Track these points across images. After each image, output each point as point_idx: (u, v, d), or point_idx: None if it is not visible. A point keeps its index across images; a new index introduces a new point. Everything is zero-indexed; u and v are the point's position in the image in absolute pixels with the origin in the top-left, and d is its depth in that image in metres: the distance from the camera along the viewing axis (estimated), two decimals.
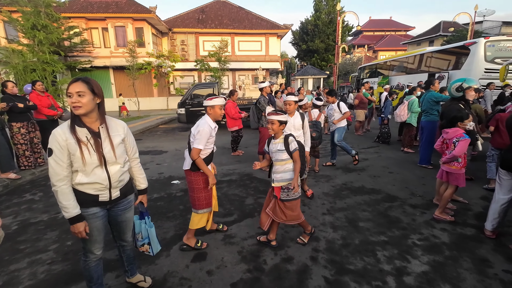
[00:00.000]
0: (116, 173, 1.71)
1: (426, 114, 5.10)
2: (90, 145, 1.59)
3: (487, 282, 2.19)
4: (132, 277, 2.18)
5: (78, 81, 1.56)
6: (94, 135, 1.62)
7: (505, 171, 2.66)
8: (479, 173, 4.57)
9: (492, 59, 8.52)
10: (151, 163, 5.95)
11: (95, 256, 1.82)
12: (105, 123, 1.68)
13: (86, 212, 1.68)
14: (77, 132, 1.57)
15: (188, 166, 2.57)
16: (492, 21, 30.27)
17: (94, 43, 18.18)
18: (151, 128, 11.47)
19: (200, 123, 2.47)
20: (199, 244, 2.69)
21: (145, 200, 2.07)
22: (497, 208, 2.75)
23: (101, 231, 1.79)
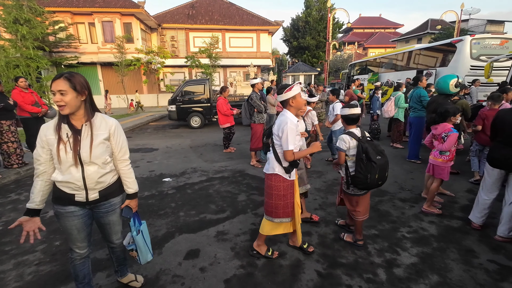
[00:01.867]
0: (92, 174, 1.60)
1: (413, 110, 5.20)
2: (68, 143, 1.54)
3: (472, 272, 2.27)
4: (122, 278, 2.14)
5: (60, 77, 1.49)
6: (75, 133, 1.55)
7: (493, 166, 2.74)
8: (464, 167, 4.71)
9: (478, 56, 8.74)
10: (142, 160, 5.86)
11: (79, 254, 1.78)
12: (90, 121, 1.60)
13: (63, 209, 1.64)
14: (61, 129, 1.55)
15: (274, 170, 2.25)
16: (478, 20, 31.07)
17: (81, 39, 17.69)
18: (141, 125, 11.29)
19: (281, 121, 2.15)
20: (269, 253, 2.47)
21: (133, 205, 1.88)
22: (485, 203, 2.83)
23: (81, 230, 1.72)
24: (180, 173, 4.99)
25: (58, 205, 1.65)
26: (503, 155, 2.61)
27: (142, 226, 2.01)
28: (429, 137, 3.41)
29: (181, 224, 3.13)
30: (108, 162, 1.68)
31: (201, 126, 10.25)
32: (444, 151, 3.15)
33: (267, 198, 2.34)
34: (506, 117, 2.65)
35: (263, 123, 5.19)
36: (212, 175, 4.84)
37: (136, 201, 1.92)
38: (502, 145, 2.64)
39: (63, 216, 1.66)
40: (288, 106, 2.23)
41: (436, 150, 3.26)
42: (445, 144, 3.10)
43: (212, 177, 4.74)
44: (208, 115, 10.23)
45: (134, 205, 1.89)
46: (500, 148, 2.65)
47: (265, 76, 22.19)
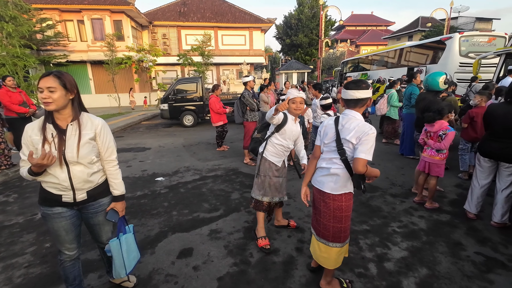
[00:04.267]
0: (78, 173, 1.58)
1: (406, 107, 5.27)
2: (53, 143, 1.52)
3: (460, 264, 2.33)
4: (115, 278, 2.12)
5: (49, 75, 1.48)
6: (59, 133, 1.53)
7: (483, 157, 2.89)
8: (453, 162, 4.81)
9: (466, 53, 8.90)
10: (134, 160, 5.80)
11: (68, 256, 1.76)
12: (77, 120, 1.58)
13: (51, 211, 1.62)
14: (46, 129, 1.53)
15: (347, 187, 1.85)
16: (466, 17, 31.61)
17: (70, 37, 17.30)
18: (133, 124, 11.15)
19: (365, 125, 1.71)
20: (345, 285, 2.06)
21: (119, 208, 1.79)
22: (479, 193, 2.98)
23: (70, 231, 1.70)
24: (173, 172, 4.96)
25: (45, 207, 1.63)
26: (493, 147, 2.79)
27: (126, 235, 1.83)
28: (422, 135, 3.46)
29: (174, 223, 3.12)
30: (94, 162, 1.65)
31: (194, 125, 10.18)
32: (442, 149, 3.20)
33: (337, 223, 1.87)
34: (495, 112, 2.78)
35: (255, 121, 5.19)
36: (205, 173, 4.83)
37: (123, 204, 1.84)
38: (493, 137, 2.80)
39: (50, 218, 1.64)
40: (360, 106, 1.81)
41: (431, 149, 3.31)
42: (444, 142, 3.16)
43: (205, 175, 4.73)
44: (201, 113, 10.17)
45: (120, 208, 1.80)
46: (490, 141, 2.82)
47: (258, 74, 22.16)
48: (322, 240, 1.95)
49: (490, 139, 2.82)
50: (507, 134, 2.68)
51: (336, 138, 1.82)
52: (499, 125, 2.73)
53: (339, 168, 1.81)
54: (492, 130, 2.82)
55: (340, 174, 1.81)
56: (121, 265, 1.78)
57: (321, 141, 1.95)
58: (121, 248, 1.77)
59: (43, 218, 1.67)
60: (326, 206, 1.88)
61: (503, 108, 2.72)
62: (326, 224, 1.91)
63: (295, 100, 2.42)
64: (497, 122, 2.74)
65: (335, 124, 1.85)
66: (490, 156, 2.85)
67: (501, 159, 2.77)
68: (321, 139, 1.95)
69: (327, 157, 1.88)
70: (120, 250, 1.76)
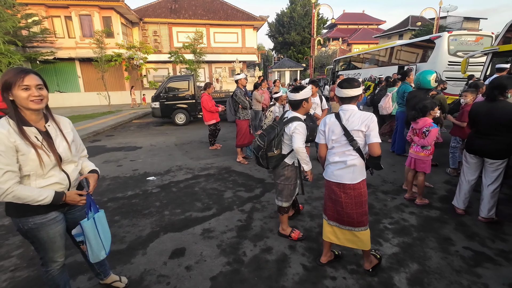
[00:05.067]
0: (72, 172, 1.60)
1: (400, 105, 5.33)
2: (43, 146, 1.47)
3: (449, 259, 2.37)
4: (106, 278, 2.08)
5: (31, 73, 1.43)
6: (45, 135, 1.50)
7: (472, 154, 2.96)
8: (443, 159, 4.91)
9: (455, 52, 9.06)
10: (125, 159, 5.70)
11: (58, 263, 1.69)
12: (53, 120, 1.58)
13: (45, 218, 1.54)
14: (26, 132, 1.42)
15: (363, 175, 2.05)
16: (455, 17, 32.23)
17: (57, 33, 16.83)
18: (124, 123, 10.96)
19: (366, 113, 1.98)
20: (378, 256, 2.30)
21: (92, 180, 1.67)
22: (466, 188, 3.05)
23: (63, 236, 1.66)
24: (165, 171, 4.90)
25: (37, 216, 1.51)
26: (478, 144, 2.86)
27: (98, 214, 1.72)
28: (409, 132, 3.52)
29: (166, 223, 3.08)
30: (78, 159, 1.70)
31: (186, 123, 10.08)
32: (426, 145, 3.26)
33: (359, 209, 2.04)
34: (478, 110, 2.85)
35: (248, 119, 5.17)
36: (198, 172, 4.79)
37: (96, 179, 1.71)
38: (477, 135, 2.87)
39: (45, 226, 1.54)
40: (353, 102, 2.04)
41: (416, 145, 3.37)
42: (427, 139, 3.22)
43: (198, 174, 4.69)
44: (193, 111, 10.07)
45: (93, 180, 1.68)
46: (475, 138, 2.89)
47: (251, 72, 22.08)
48: (348, 227, 2.12)
49: (475, 136, 2.89)
50: (490, 131, 2.75)
51: (344, 132, 1.98)
52: (482, 122, 2.80)
53: (355, 158, 1.99)
54: (477, 127, 2.89)
55: (357, 163, 2.00)
56: (99, 245, 1.69)
57: (328, 139, 2.10)
58: (97, 228, 1.68)
59: (34, 230, 1.53)
60: (348, 197, 2.04)
61: (485, 106, 2.79)
62: (349, 213, 2.06)
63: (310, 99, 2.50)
64: (481, 120, 2.81)
65: (338, 120, 2.02)
66: (475, 152, 2.92)
67: (485, 156, 2.84)
68: (328, 137, 2.10)
69: (339, 151, 2.03)
70: (96, 230, 1.67)
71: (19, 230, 1.55)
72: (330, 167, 2.12)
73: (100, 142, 7.59)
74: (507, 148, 2.72)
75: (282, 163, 2.53)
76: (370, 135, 1.91)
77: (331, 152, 2.10)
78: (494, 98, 2.73)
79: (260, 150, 2.47)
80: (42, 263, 1.68)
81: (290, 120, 2.39)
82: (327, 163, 2.17)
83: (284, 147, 2.48)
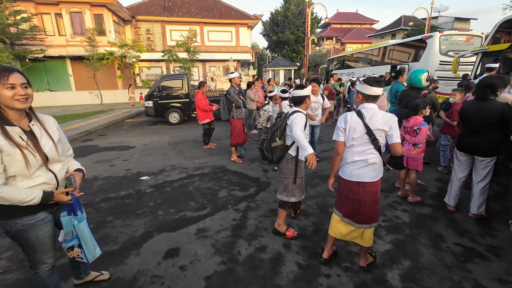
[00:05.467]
0: (60, 171, 1.59)
1: (392, 104, 5.38)
2: (28, 146, 1.43)
3: (441, 255, 2.42)
4: (87, 276, 2.10)
5: (14, 71, 1.40)
6: (29, 134, 1.47)
7: (462, 152, 3.01)
8: (434, 157, 4.99)
9: (446, 52, 9.20)
10: (118, 159, 5.63)
11: (48, 265, 1.67)
12: (37, 119, 1.55)
13: (34, 219, 1.51)
14: (10, 133, 1.38)
15: (381, 173, 2.09)
16: (446, 17, 32.74)
17: (47, 31, 16.49)
18: (116, 122, 10.81)
19: (388, 114, 2.01)
20: (373, 254, 2.37)
21: (78, 178, 1.66)
22: (457, 186, 3.11)
23: (52, 237, 1.64)
24: (159, 171, 4.85)
25: (25, 217, 1.48)
26: (469, 142, 2.91)
27: (84, 215, 1.70)
28: (401, 131, 3.56)
29: (160, 223, 3.05)
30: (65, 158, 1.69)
31: (180, 122, 10.00)
32: (417, 143, 3.31)
33: (373, 206, 2.08)
34: (469, 109, 2.90)
35: (242, 118, 5.15)
36: (192, 172, 4.76)
37: (81, 178, 1.71)
38: (467, 133, 2.92)
39: (34, 227, 1.51)
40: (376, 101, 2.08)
41: (408, 143, 3.41)
42: (418, 137, 3.26)
43: (192, 174, 4.66)
44: (187, 110, 10.00)
45: (79, 178, 1.68)
46: (467, 136, 2.93)
47: (245, 71, 22.04)
48: (364, 225, 2.13)
49: (466, 135, 2.94)
50: (480, 129, 2.80)
51: (367, 131, 1.98)
52: (473, 121, 2.85)
53: (375, 157, 2.01)
54: (467, 125, 2.94)
55: (377, 161, 2.03)
56: (94, 243, 1.70)
57: (349, 137, 2.06)
58: (89, 227, 1.70)
59: (22, 232, 1.50)
60: (367, 195, 2.06)
61: (475, 105, 2.83)
62: (367, 211, 2.08)
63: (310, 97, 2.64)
64: (471, 119, 2.86)
65: (361, 118, 2.01)
66: (465, 150, 2.97)
67: (475, 153, 2.89)
68: (348, 135, 2.06)
69: (360, 150, 2.03)
70: (89, 229, 1.68)
71: (6, 232, 1.51)
72: (349, 167, 2.09)
73: (92, 141, 7.47)
74: (496, 146, 2.79)
75: (286, 155, 2.58)
76: (393, 135, 1.96)
77: (350, 151, 2.07)
78: (485, 97, 2.77)
79: (264, 142, 2.56)
80: (31, 266, 1.65)
81: (292, 113, 2.51)
82: (344, 163, 2.14)
83: (287, 139, 2.57)
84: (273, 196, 3.68)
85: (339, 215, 2.25)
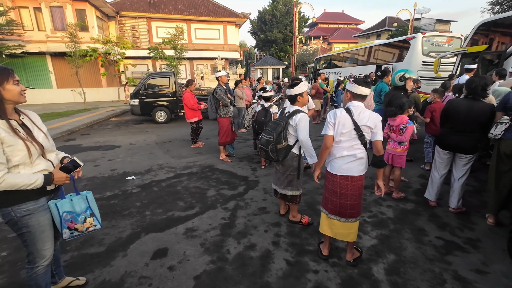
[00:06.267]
0: (54, 160, 1.70)
1: (377, 103, 5.51)
2: (27, 137, 1.54)
3: (423, 249, 2.51)
4: (61, 280, 2.04)
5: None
6: (24, 127, 1.57)
7: (443, 150, 3.12)
8: (417, 154, 5.16)
9: (428, 52, 9.51)
10: (102, 159, 5.48)
11: (46, 259, 1.67)
12: (24, 114, 1.64)
13: (37, 204, 1.59)
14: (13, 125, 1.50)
15: (366, 167, 2.19)
16: (428, 19, 33.82)
17: (25, 25, 15.77)
18: (101, 121, 10.51)
19: (373, 112, 2.11)
20: (360, 250, 2.43)
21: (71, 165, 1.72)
22: (438, 182, 3.23)
23: (52, 227, 1.70)
24: (146, 170, 4.77)
25: (29, 202, 1.56)
26: (452, 140, 3.00)
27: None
28: (386, 129, 3.66)
29: (147, 223, 3.01)
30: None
31: (167, 121, 9.84)
32: (403, 141, 3.42)
33: (357, 201, 2.19)
34: (458, 107, 2.94)
35: (229, 116, 5.14)
36: (180, 171, 4.71)
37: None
38: (453, 131, 3.00)
39: (37, 213, 1.59)
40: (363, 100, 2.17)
41: (394, 142, 3.51)
42: (405, 135, 3.37)
43: (180, 173, 4.61)
44: (175, 109, 9.85)
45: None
46: (450, 134, 3.02)
47: (234, 69, 21.94)
48: (350, 219, 2.22)
49: (450, 133, 3.02)
50: (466, 127, 2.90)
51: (354, 126, 2.08)
52: (461, 119, 2.91)
53: (362, 152, 2.13)
54: (453, 124, 3.00)
55: (364, 156, 2.15)
56: (98, 214, 1.86)
57: (337, 132, 2.14)
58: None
59: (26, 218, 1.56)
60: (354, 188, 2.16)
61: (465, 104, 2.90)
62: (353, 205, 2.18)
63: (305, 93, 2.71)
64: (460, 117, 2.92)
65: (349, 114, 2.10)
66: (449, 148, 3.06)
67: (459, 151, 3.00)
68: (337, 130, 2.14)
69: (348, 145, 2.12)
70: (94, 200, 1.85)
71: (9, 221, 1.56)
72: (337, 162, 2.18)
73: (75, 141, 7.23)
74: (478, 143, 2.92)
75: (290, 154, 2.69)
76: (377, 133, 2.09)
77: (339, 147, 2.15)
78: (478, 97, 2.84)
79: (269, 144, 2.60)
80: (29, 260, 1.66)
81: (294, 113, 2.59)
82: (332, 158, 2.21)
83: (289, 138, 2.65)
84: (262, 194, 3.71)
85: (325, 212, 2.32)
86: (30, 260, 1.66)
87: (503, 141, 2.70)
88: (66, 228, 1.69)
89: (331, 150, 2.21)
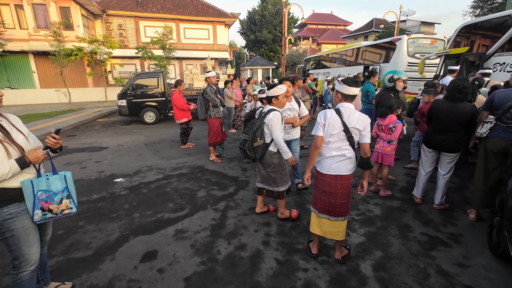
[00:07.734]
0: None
1: (364, 103, 5.63)
2: (5, 138, 1.52)
3: (408, 245, 2.59)
4: (47, 286, 2.00)
5: None
6: (0, 129, 1.54)
7: (428, 148, 3.22)
8: (403, 153, 5.30)
9: (413, 54, 9.78)
10: (89, 161, 5.35)
11: (32, 264, 1.63)
12: (2, 116, 1.61)
13: (19, 207, 1.56)
14: None
15: (353, 168, 2.23)
16: (413, 21, 34.72)
17: (6, 23, 15.22)
18: (87, 122, 10.26)
19: (363, 115, 2.15)
20: (348, 247, 2.47)
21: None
22: (424, 179, 3.32)
23: (36, 230, 1.68)
24: (134, 172, 4.69)
25: (11, 205, 1.53)
26: (437, 139, 3.09)
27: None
28: (375, 129, 3.74)
29: (136, 226, 2.97)
30: None
31: (156, 122, 9.71)
32: (392, 140, 3.51)
33: (346, 199, 2.23)
34: (439, 108, 3.05)
35: (219, 117, 5.13)
36: (170, 172, 4.66)
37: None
38: (436, 130, 3.10)
39: (20, 216, 1.56)
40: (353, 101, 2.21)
41: (383, 141, 3.60)
42: (394, 134, 3.47)
43: (170, 174, 4.56)
44: (164, 110, 9.73)
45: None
46: (434, 133, 3.12)
47: (223, 69, 21.85)
48: (340, 218, 2.27)
49: (434, 132, 3.13)
50: (448, 128, 3.00)
51: (344, 128, 2.11)
52: (442, 120, 3.02)
53: (351, 152, 2.17)
54: (436, 124, 3.11)
55: (352, 156, 2.20)
56: (75, 196, 1.80)
57: (327, 133, 2.16)
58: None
59: (9, 222, 1.53)
60: (343, 187, 2.21)
61: (446, 105, 3.00)
62: (342, 203, 2.23)
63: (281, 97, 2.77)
64: (441, 117, 3.03)
65: (339, 116, 2.12)
66: (433, 147, 3.17)
67: (443, 150, 3.10)
68: (327, 130, 2.16)
69: (336, 146, 2.16)
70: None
71: None
72: (327, 161, 2.21)
73: None
74: (461, 142, 3.03)
75: (268, 152, 2.79)
76: (365, 136, 2.13)
77: (328, 147, 2.19)
78: (462, 99, 2.90)
79: (246, 142, 2.70)
80: (14, 266, 1.61)
81: (268, 112, 2.71)
82: (321, 158, 2.25)
83: (266, 137, 2.76)
84: (253, 195, 3.72)
85: (315, 212, 2.36)
86: (15, 265, 1.62)
87: (489, 139, 2.80)
88: (38, 208, 1.58)
89: (321, 150, 2.24)
